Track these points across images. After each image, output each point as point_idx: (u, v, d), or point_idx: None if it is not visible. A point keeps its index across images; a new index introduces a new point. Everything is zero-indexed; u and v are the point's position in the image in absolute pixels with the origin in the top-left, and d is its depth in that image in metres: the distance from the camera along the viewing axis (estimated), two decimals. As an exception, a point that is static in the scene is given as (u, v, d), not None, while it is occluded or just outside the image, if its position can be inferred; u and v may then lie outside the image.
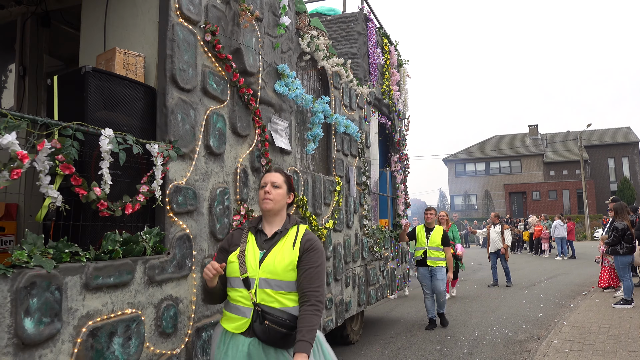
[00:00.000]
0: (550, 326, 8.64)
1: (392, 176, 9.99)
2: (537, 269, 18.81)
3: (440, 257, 8.95)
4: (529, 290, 13.34)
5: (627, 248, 9.74)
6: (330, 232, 6.44)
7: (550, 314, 9.87)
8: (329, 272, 6.40)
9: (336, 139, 6.88)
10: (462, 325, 9.09)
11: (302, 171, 5.87)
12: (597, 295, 11.42)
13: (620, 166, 51.55)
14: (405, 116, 10.58)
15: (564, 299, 11.54)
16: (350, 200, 7.23)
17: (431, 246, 8.99)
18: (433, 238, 9.00)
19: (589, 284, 13.82)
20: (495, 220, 15.22)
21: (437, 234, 9.02)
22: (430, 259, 8.97)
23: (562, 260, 21.97)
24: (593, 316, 9.00)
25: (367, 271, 7.85)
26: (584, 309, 9.82)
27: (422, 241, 9.12)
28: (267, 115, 5.06)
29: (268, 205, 3.31)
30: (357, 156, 7.63)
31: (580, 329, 7.94)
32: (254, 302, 3.14)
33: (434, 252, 8.98)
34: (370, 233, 7.92)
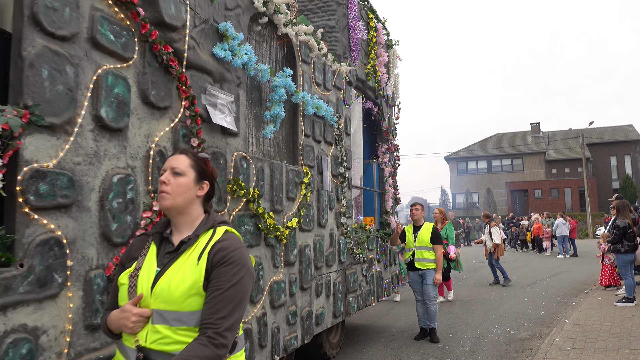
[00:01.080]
0: (552, 324, 8.48)
1: (380, 169, 8.76)
2: (539, 267, 18.45)
3: (430, 259, 7.79)
4: (530, 288, 13.05)
5: (629, 246, 9.51)
6: (294, 232, 5.25)
7: (552, 312, 9.69)
8: (292, 280, 5.20)
9: (304, 122, 5.68)
10: (464, 324, 8.87)
11: (256, 158, 4.67)
12: (599, 294, 11.20)
13: (622, 164, 50.26)
14: (396, 103, 9.34)
15: (565, 297, 11.33)
16: (324, 195, 6.03)
17: (420, 246, 7.81)
18: (421, 236, 7.82)
19: (591, 282, 13.56)
20: (485, 219, 14.73)
21: (425, 231, 7.85)
22: (418, 261, 7.80)
23: (563, 258, 21.56)
24: (595, 314, 8.83)
25: (345, 277, 6.65)
26: (586, 307, 9.64)
27: (410, 241, 7.97)
28: (200, 84, 3.87)
29: (165, 202, 2.25)
30: (334, 144, 6.42)
31: (582, 327, 7.80)
32: (137, 345, 2.08)
33: (423, 253, 7.79)
34: (350, 233, 6.72)
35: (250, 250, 4.49)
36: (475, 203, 52.14)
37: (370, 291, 7.55)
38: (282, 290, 4.98)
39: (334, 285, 6.26)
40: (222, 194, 4.10)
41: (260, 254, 4.65)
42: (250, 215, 4.48)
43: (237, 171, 4.31)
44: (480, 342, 7.54)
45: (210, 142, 4.00)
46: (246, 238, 4.39)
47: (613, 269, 11.47)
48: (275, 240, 4.89)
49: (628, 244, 9.53)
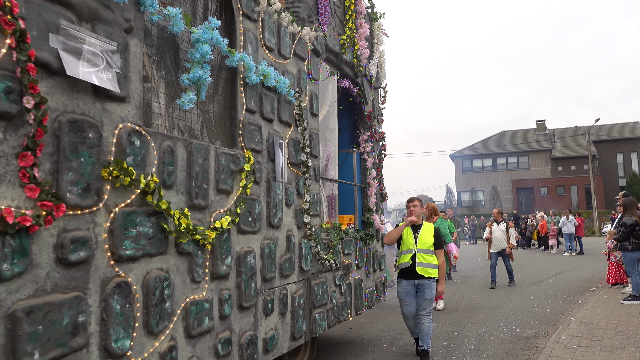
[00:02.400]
0: (558, 322, 8.28)
1: (361, 159, 7.35)
2: (545, 265, 17.93)
3: (433, 264, 6.31)
4: (536, 286, 12.66)
5: (636, 244, 9.19)
6: (227, 236, 3.88)
7: (558, 310, 9.44)
8: (224, 297, 3.84)
9: (247, 94, 4.29)
10: (469, 322, 8.62)
11: (161, 135, 3.32)
12: (605, 291, 10.89)
13: (629, 161, 48.64)
14: (381, 84, 7.92)
15: (572, 295, 11.04)
16: (277, 188, 4.66)
17: (422, 248, 6.30)
18: (423, 238, 6.35)
19: (597, 279, 13.14)
20: (499, 217, 12.85)
21: (427, 232, 6.40)
22: (421, 266, 6.27)
23: (570, 256, 20.96)
24: (601, 312, 8.62)
25: (309, 288, 5.27)
26: (592, 305, 9.41)
27: (409, 242, 6.40)
28: (47, 18, 2.51)
29: None
30: (293, 125, 5.04)
31: (588, 325, 7.62)
32: None
33: (426, 257, 6.30)
34: (317, 234, 5.35)
35: (149, 261, 3.14)
36: (481, 201, 50.52)
37: (346, 303, 6.16)
38: (206, 313, 3.62)
39: (292, 300, 4.89)
40: (93, 181, 2.74)
41: (167, 265, 3.29)
42: (148, 212, 3.12)
43: (122, 150, 2.95)
44: (486, 340, 7.32)
45: (70, 105, 2.64)
46: (139, 244, 3.03)
47: (619, 266, 11.10)
48: (195, 247, 3.53)
49: (635, 242, 9.19)
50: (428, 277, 6.22)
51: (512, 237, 12.49)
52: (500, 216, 12.86)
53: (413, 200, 6.54)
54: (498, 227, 12.60)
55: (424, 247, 6.29)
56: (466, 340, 7.35)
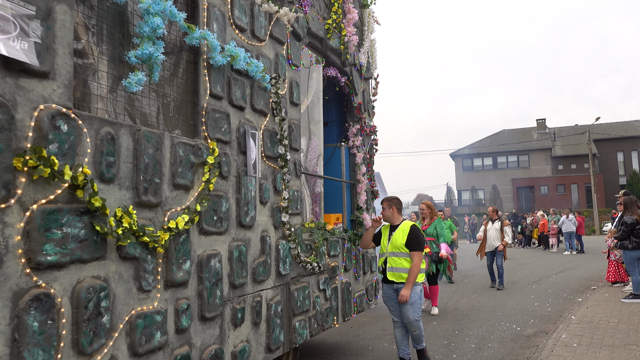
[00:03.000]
0: (559, 321, 8.21)
1: (350, 154, 6.82)
2: (546, 263, 17.72)
3: (406, 268, 5.54)
4: (537, 285, 12.53)
5: (636, 243, 9.06)
6: (185, 238, 3.36)
7: (558, 309, 9.34)
8: (181, 308, 3.32)
9: (212, 77, 3.77)
10: (470, 320, 8.51)
11: (99, 119, 2.80)
12: (605, 290, 10.77)
13: (629, 160, 47.83)
14: (372, 74, 7.38)
15: (572, 294, 10.94)
16: (249, 183, 4.13)
17: (393, 251, 5.60)
18: (395, 239, 5.61)
19: (598, 278, 12.99)
20: (494, 215, 12.30)
21: (400, 232, 5.61)
22: (391, 271, 5.58)
23: (570, 255, 20.70)
24: (602, 311, 8.54)
25: (288, 294, 4.75)
26: (592, 303, 9.33)
27: (383, 245, 5.79)
28: None
29: None
30: (269, 114, 4.51)
31: (589, 324, 7.56)
32: None
33: (397, 260, 5.56)
34: (297, 234, 4.82)
35: (80, 268, 2.62)
36: (481, 200, 49.83)
37: (332, 309, 5.63)
38: (157, 326, 3.09)
39: (267, 308, 4.36)
40: (1, 173, 2.23)
41: (105, 273, 2.77)
42: (79, 210, 2.59)
43: (43, 136, 2.43)
44: (486, 339, 7.23)
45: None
46: (65, 248, 2.52)
47: (619, 265, 11.01)
48: (143, 250, 3.00)
49: (635, 240, 9.07)
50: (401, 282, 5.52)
51: (508, 235, 12.01)
52: (496, 214, 12.34)
53: (383, 201, 5.88)
54: (492, 226, 12.14)
55: (395, 250, 5.57)
56: (467, 339, 7.23)
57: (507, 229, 12.07)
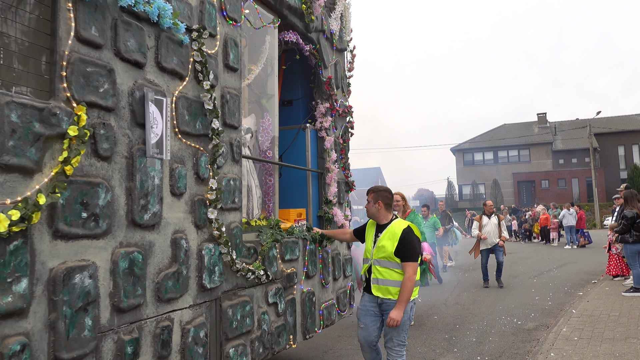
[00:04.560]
0: (560, 315, 8.06)
1: (318, 137, 5.60)
2: (546, 257, 17.36)
3: (396, 282, 4.15)
4: (537, 279, 12.22)
5: (637, 236, 8.90)
6: (19, 244, 2.22)
7: (559, 303, 9.17)
8: (9, 351, 2.13)
9: (80, 14, 2.58)
10: (471, 314, 8.34)
11: None
12: (606, 284, 10.55)
13: (630, 154, 46.42)
14: (347, 46, 6.14)
15: (573, 288, 10.71)
16: (150, 168, 2.96)
17: (378, 259, 4.22)
18: (382, 244, 4.22)
19: (599, 272, 12.71)
20: (491, 209, 11.22)
21: (389, 237, 4.21)
22: (376, 283, 4.23)
23: (571, 249, 20.30)
24: (602, 304, 8.39)
25: (218, 313, 3.54)
26: (593, 297, 9.15)
27: (367, 248, 4.44)
28: None
29: None
30: (189, 77, 3.31)
31: (590, 317, 7.43)
32: None
33: (383, 272, 4.18)
34: (233, 235, 3.62)
35: None
36: (482, 194, 48.52)
37: (287, 326, 4.43)
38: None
39: (183, 335, 3.18)
40: None
41: None
42: None
43: None
44: (487, 333, 7.10)
45: None
46: None
47: (620, 258, 10.77)
48: None
49: (636, 234, 8.89)
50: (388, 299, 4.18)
51: (504, 229, 10.96)
52: (492, 208, 11.23)
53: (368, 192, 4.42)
54: (490, 221, 11.02)
55: (381, 257, 4.20)
56: (468, 333, 7.08)
57: (504, 223, 11.10)
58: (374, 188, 4.41)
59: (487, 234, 10.89)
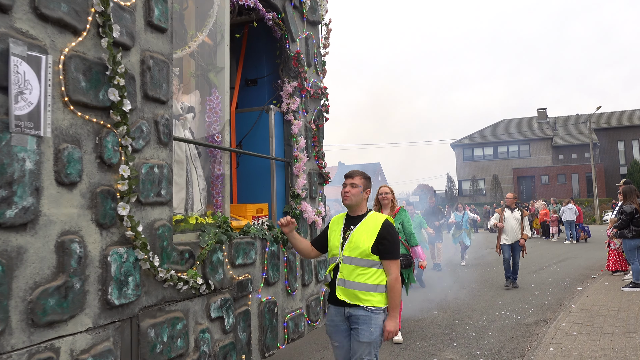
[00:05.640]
0: (559, 309, 7.94)
1: (285, 122, 4.76)
2: (546, 253, 17.13)
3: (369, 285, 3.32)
4: (537, 274, 12.01)
5: (636, 231, 8.81)
6: None
7: (558, 298, 9.01)
8: None
9: None
10: (470, 309, 8.21)
11: None
12: (606, 279, 10.39)
13: (630, 149, 45.50)
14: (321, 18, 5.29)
15: (572, 283, 10.52)
16: (16, 147, 2.12)
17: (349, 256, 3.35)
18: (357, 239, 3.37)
19: (598, 267, 12.57)
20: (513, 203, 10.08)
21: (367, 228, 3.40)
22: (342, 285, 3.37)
23: (570, 244, 19.95)
24: (602, 299, 8.29)
25: (134, 336, 2.72)
26: (592, 292, 9.04)
27: (334, 245, 3.48)
28: None
29: None
30: (86, 32, 2.47)
31: (589, 312, 7.29)
32: None
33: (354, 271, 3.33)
34: (158, 237, 2.80)
35: None
36: (482, 190, 47.84)
37: (237, 345, 3.62)
38: None
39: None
40: None
41: None
42: None
43: None
44: (487, 328, 6.99)
45: None
46: None
47: (619, 254, 10.59)
48: None
49: (635, 229, 8.78)
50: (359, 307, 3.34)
51: (527, 227, 9.95)
52: (515, 202, 10.13)
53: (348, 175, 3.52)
54: (512, 215, 9.97)
55: (353, 254, 3.34)
56: (467, 328, 6.94)
57: (526, 219, 10.04)
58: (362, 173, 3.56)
59: (509, 229, 9.91)
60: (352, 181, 3.46)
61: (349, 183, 3.46)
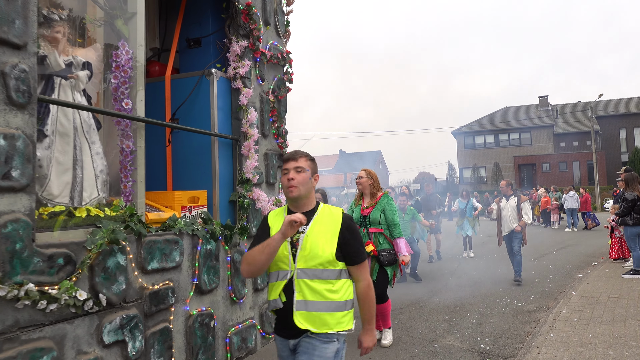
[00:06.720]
0: (559, 296, 7.84)
1: (233, 90, 3.92)
2: (547, 240, 17.00)
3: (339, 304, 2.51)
4: (538, 261, 11.96)
5: (637, 219, 8.75)
6: None
7: (559, 285, 8.94)
8: None
9: None
10: (471, 296, 8.13)
11: None
12: (606, 266, 10.39)
13: (631, 137, 44.91)
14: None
15: (573, 270, 10.47)
16: None
17: (306, 268, 2.48)
18: (312, 242, 2.51)
19: (599, 254, 12.48)
20: (509, 190, 9.29)
21: (323, 227, 2.55)
22: (305, 309, 2.47)
23: (571, 232, 19.70)
24: (602, 286, 8.20)
25: None
26: (593, 279, 9.01)
27: (282, 255, 2.54)
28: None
29: None
30: None
31: (589, 299, 7.26)
32: None
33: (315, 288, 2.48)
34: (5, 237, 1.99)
35: None
36: (483, 177, 47.37)
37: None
38: None
39: None
40: None
41: None
42: None
43: None
44: (488, 314, 6.95)
45: None
46: None
47: (623, 241, 10.44)
48: None
49: (636, 217, 8.76)
50: (317, 334, 2.52)
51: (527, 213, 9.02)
52: (511, 189, 9.35)
53: (290, 157, 2.61)
54: (508, 204, 9.18)
55: (311, 265, 2.52)
56: (468, 315, 6.94)
57: (526, 205, 9.15)
58: (306, 153, 2.70)
59: (504, 218, 9.17)
60: (297, 164, 2.58)
61: (293, 167, 2.57)
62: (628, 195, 8.90)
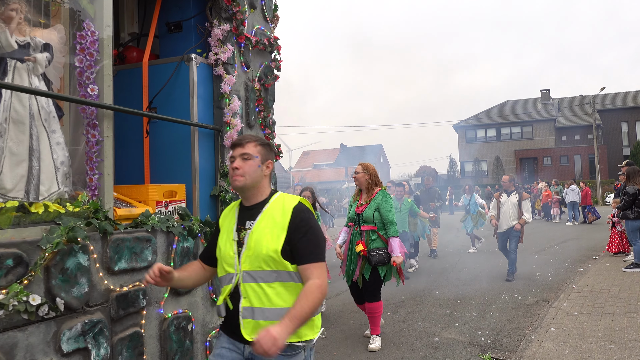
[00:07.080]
0: (560, 290, 7.82)
1: (215, 77, 3.67)
2: (548, 234, 16.99)
3: (282, 310, 2.11)
4: (539, 255, 11.92)
5: (638, 212, 8.64)
6: None
7: (560, 278, 8.88)
8: None
9: None
10: (472, 290, 8.12)
11: None
12: (607, 260, 10.32)
13: (633, 130, 44.57)
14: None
15: (574, 264, 10.46)
16: None
17: (251, 270, 2.16)
18: (256, 242, 2.18)
19: (600, 248, 12.38)
20: (510, 186, 8.88)
21: (270, 221, 2.21)
22: (251, 318, 2.16)
23: (572, 226, 19.68)
24: (603, 280, 8.14)
25: None
26: (594, 273, 8.91)
27: (227, 255, 2.24)
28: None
29: None
30: None
31: (590, 293, 7.23)
32: None
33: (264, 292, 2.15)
34: None
35: None
36: (484, 171, 47.12)
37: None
38: None
39: None
40: None
41: None
42: None
43: None
44: (488, 308, 6.91)
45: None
46: None
47: (623, 236, 10.41)
48: None
49: (637, 210, 8.69)
50: None
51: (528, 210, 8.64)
52: (512, 185, 8.94)
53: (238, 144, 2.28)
54: (508, 199, 8.79)
55: (256, 266, 2.17)
56: (469, 308, 6.93)
57: (528, 203, 8.76)
58: (257, 137, 2.35)
59: (503, 215, 8.81)
60: (243, 151, 2.24)
61: (239, 154, 2.24)
62: (629, 189, 8.85)
